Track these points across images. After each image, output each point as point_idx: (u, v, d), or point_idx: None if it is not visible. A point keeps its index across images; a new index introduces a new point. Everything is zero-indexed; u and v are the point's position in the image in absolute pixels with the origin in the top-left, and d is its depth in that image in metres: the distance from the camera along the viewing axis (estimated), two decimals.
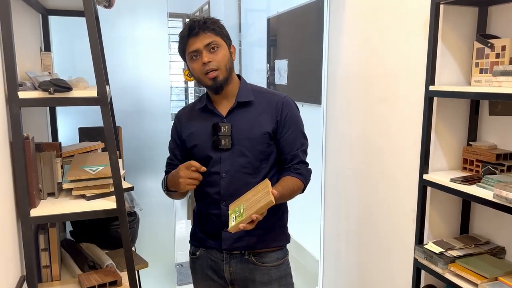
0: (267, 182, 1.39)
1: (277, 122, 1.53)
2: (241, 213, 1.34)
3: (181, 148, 1.62)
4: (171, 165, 1.66)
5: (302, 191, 1.57)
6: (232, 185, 1.51)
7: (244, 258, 1.56)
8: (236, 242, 1.54)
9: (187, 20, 1.50)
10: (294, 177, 1.52)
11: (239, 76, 1.59)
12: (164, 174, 1.68)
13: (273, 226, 1.58)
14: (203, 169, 1.45)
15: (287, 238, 1.66)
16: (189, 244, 1.69)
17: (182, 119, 1.62)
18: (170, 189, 1.55)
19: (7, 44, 1.25)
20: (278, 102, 1.54)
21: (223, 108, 1.54)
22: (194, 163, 1.44)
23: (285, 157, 1.56)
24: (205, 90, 1.57)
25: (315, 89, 2.66)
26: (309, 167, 1.59)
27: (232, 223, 1.34)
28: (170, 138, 1.68)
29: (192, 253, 1.67)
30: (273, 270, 1.58)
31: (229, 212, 1.40)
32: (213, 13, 5.02)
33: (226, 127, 1.49)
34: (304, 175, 1.55)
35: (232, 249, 1.55)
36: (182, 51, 1.51)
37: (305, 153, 1.59)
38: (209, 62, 1.44)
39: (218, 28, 1.48)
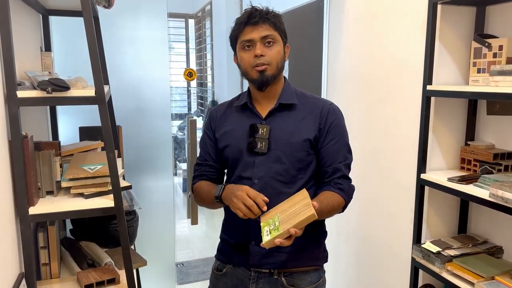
0: (305, 193, 1.25)
1: (320, 130, 1.39)
2: (277, 226, 1.18)
3: (215, 148, 1.49)
4: (203, 167, 1.51)
5: (342, 210, 1.41)
6: (264, 193, 1.30)
7: (273, 278, 1.41)
8: (265, 258, 1.40)
9: (246, 8, 1.41)
10: (335, 192, 1.36)
11: (284, 78, 1.47)
12: (192, 180, 1.54)
13: (307, 243, 1.42)
14: (264, 208, 1.23)
15: (324, 257, 1.51)
16: (215, 258, 1.55)
17: (217, 117, 1.50)
18: (224, 201, 1.34)
19: (6, 44, 1.27)
20: (324, 108, 1.41)
21: (263, 108, 1.42)
22: (259, 198, 1.23)
23: (325, 169, 1.40)
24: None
25: (315, 89, 2.66)
26: (352, 183, 1.43)
27: (266, 237, 1.17)
28: (202, 137, 1.55)
29: (217, 269, 1.52)
30: None
31: (261, 224, 1.24)
32: (215, 13, 5.03)
33: (265, 129, 1.36)
34: (346, 191, 1.39)
35: (260, 265, 1.41)
36: (235, 38, 1.39)
37: (349, 168, 1.43)
38: (262, 56, 1.33)
39: (279, 23, 1.37)
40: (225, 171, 1.53)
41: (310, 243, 1.44)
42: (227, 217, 1.51)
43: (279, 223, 1.18)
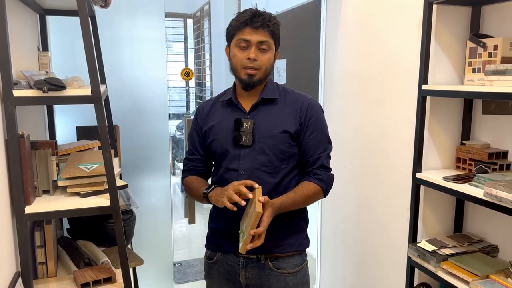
0: (257, 190, 1.34)
1: (300, 124, 1.48)
2: (243, 230, 1.31)
3: (202, 142, 1.57)
4: (192, 161, 1.60)
5: (324, 196, 1.52)
6: None
7: (261, 263, 1.51)
8: None
9: (249, 8, 1.47)
10: (313, 182, 1.47)
11: None
12: (182, 174, 1.64)
13: (291, 231, 1.54)
14: (250, 196, 1.32)
15: (306, 243, 1.60)
16: (205, 248, 1.65)
17: (203, 112, 1.58)
18: (211, 200, 1.45)
19: (2, 43, 1.27)
20: (304, 103, 1.50)
21: (247, 103, 1.51)
22: (246, 191, 1.32)
23: (307, 160, 1.50)
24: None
25: (313, 89, 2.67)
26: (331, 172, 1.52)
27: (240, 244, 1.32)
28: (191, 132, 1.62)
29: (208, 258, 1.62)
30: (290, 277, 1.53)
31: (239, 232, 1.39)
32: (213, 13, 5.03)
33: (249, 123, 1.45)
34: (325, 180, 1.48)
35: (248, 252, 1.48)
36: (232, 33, 1.46)
37: (329, 158, 1.53)
38: (254, 60, 1.41)
39: (276, 31, 1.45)
40: (213, 163, 1.60)
41: (293, 230, 1.55)
42: (215, 207, 1.58)
43: (245, 227, 1.31)
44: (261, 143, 1.46)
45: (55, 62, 2.30)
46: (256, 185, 1.35)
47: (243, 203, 1.31)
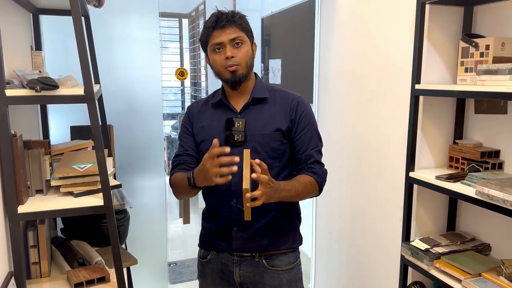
0: (244, 153, 1.26)
1: (291, 121, 1.50)
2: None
3: (193, 141, 1.57)
4: (181, 156, 1.56)
5: (319, 192, 1.51)
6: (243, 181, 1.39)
7: (255, 261, 1.53)
8: (247, 243, 1.51)
9: (213, 11, 1.46)
10: (308, 175, 1.47)
11: (255, 74, 1.57)
12: (171, 171, 1.57)
13: (285, 228, 1.56)
14: (227, 150, 1.25)
15: (299, 240, 1.62)
16: (198, 247, 1.65)
17: (194, 112, 1.59)
18: (199, 185, 1.37)
19: None
20: (293, 101, 1.52)
21: (238, 103, 1.52)
22: (216, 150, 1.24)
23: (299, 156, 1.51)
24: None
25: (307, 88, 2.68)
26: (325, 167, 1.53)
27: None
28: (180, 132, 1.61)
29: (202, 257, 1.62)
30: (284, 274, 1.55)
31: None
32: (208, 13, 5.03)
33: (240, 123, 1.47)
34: (319, 174, 1.49)
35: (243, 250, 1.52)
36: (205, 41, 1.48)
37: (320, 154, 1.54)
38: (232, 57, 1.43)
39: (244, 24, 1.47)
40: None
41: (287, 228, 1.57)
42: (208, 206, 1.60)
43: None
44: (253, 142, 1.47)
45: (48, 61, 2.29)
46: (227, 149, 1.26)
47: (235, 168, 1.23)
